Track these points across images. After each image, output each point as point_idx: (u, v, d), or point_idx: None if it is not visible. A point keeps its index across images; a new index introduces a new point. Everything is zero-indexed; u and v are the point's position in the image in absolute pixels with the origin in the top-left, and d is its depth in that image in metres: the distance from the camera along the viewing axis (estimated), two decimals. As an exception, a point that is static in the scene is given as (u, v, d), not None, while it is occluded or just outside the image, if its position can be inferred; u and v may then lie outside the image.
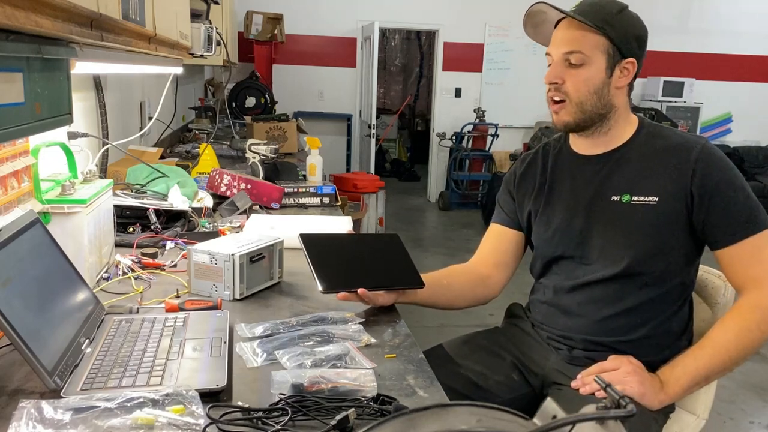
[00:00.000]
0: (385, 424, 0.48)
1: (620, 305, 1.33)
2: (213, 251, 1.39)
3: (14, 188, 1.38)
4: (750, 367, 3.39)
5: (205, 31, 2.26)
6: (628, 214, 1.32)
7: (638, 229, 1.31)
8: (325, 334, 1.19)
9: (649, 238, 1.30)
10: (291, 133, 3.87)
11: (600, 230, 1.35)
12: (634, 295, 1.33)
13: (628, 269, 1.31)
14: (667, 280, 1.33)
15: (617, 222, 1.33)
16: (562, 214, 1.41)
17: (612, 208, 1.34)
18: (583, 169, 1.40)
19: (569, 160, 1.44)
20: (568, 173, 1.43)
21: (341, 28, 6.88)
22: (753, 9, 7.21)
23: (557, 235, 1.41)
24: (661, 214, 1.29)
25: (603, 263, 1.34)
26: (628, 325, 1.33)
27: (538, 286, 1.51)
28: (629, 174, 1.34)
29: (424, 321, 4.06)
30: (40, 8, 0.73)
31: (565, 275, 1.41)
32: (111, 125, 2.34)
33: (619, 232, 1.32)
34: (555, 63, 1.32)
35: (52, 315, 1.05)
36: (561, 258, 1.42)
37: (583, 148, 1.42)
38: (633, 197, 1.32)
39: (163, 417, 0.87)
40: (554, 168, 1.46)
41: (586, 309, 1.36)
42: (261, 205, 2.26)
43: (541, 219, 1.45)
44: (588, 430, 0.44)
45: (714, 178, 1.26)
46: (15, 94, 0.82)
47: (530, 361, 1.44)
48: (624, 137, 1.37)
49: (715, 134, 7.55)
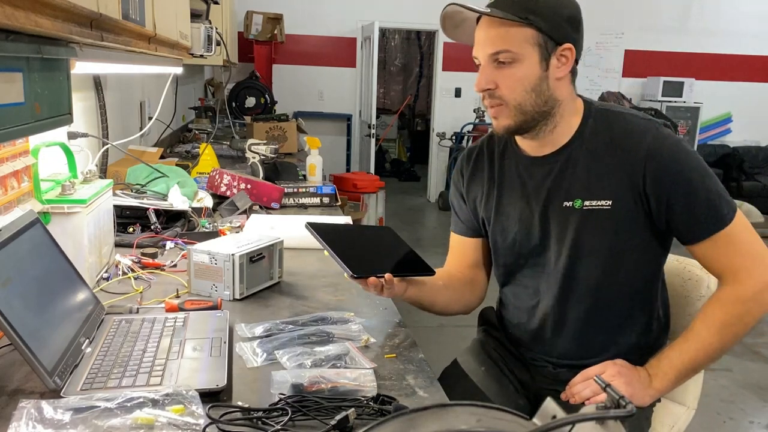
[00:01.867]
0: (385, 424, 0.48)
1: (595, 319, 1.28)
2: (213, 251, 1.39)
3: (14, 188, 1.38)
4: (750, 367, 3.40)
5: (205, 31, 2.26)
6: (582, 219, 1.23)
7: (596, 235, 1.23)
8: (325, 334, 1.19)
9: (608, 244, 1.23)
10: (291, 133, 3.87)
11: (557, 239, 1.27)
12: (605, 306, 1.28)
13: (592, 279, 1.26)
14: (637, 284, 1.28)
15: (573, 230, 1.24)
16: (517, 225, 1.32)
17: (566, 215, 1.25)
18: (532, 172, 1.30)
19: (516, 162, 1.33)
20: (517, 177, 1.32)
21: (341, 28, 6.88)
22: (753, 9, 7.21)
23: (516, 245, 1.33)
24: (618, 219, 1.21)
25: (566, 275, 1.27)
26: (607, 341, 1.29)
27: (505, 297, 1.44)
28: (579, 176, 1.24)
29: (424, 321, 4.05)
30: (40, 8, 0.73)
31: (532, 290, 1.34)
32: (111, 125, 2.34)
33: (578, 241, 1.24)
34: (483, 67, 1.20)
35: (52, 315, 1.05)
36: (523, 267, 1.35)
37: (529, 148, 1.30)
38: (585, 202, 1.23)
39: (163, 417, 0.87)
40: (501, 171, 1.35)
41: (562, 330, 1.31)
42: (261, 205, 2.26)
43: (496, 228, 1.36)
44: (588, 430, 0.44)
45: (668, 180, 1.17)
46: (15, 94, 0.82)
47: (517, 376, 1.40)
48: (570, 131, 1.25)
49: (715, 134, 7.55)
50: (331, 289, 1.50)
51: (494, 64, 1.18)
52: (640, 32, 7.06)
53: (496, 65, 1.18)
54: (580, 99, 1.28)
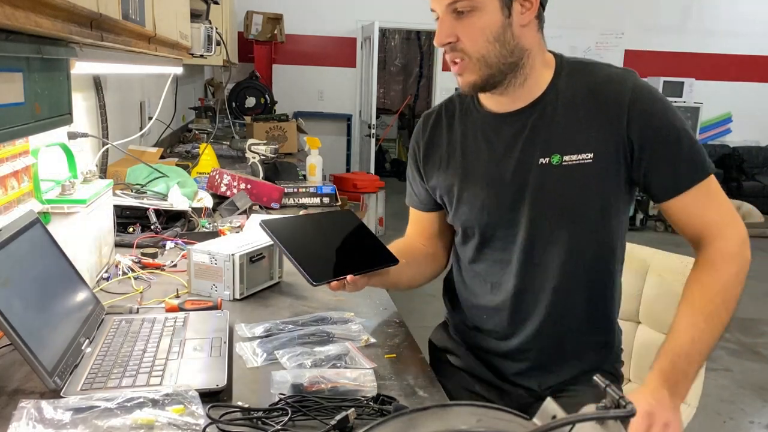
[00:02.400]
0: (385, 424, 0.48)
1: (562, 301, 1.19)
2: (213, 251, 1.39)
3: (14, 188, 1.38)
4: (750, 367, 3.40)
5: (205, 31, 2.26)
6: (561, 177, 1.13)
7: (576, 194, 1.13)
8: (325, 334, 1.19)
9: (591, 204, 1.14)
10: (291, 133, 3.87)
11: (532, 202, 1.16)
12: (575, 276, 1.18)
13: (566, 248, 1.16)
14: (613, 251, 1.20)
15: (550, 190, 1.14)
16: (485, 191, 1.20)
17: (541, 173, 1.14)
18: (500, 131, 1.18)
19: (482, 121, 1.21)
20: (482, 138, 1.21)
21: (341, 28, 6.88)
22: (753, 9, 7.21)
23: (485, 214, 1.21)
24: (601, 173, 1.12)
25: (541, 243, 1.17)
26: (573, 328, 1.22)
27: (465, 275, 1.31)
28: (556, 129, 1.14)
29: (424, 321, 4.05)
30: (40, 8, 0.73)
31: (499, 265, 1.23)
32: (111, 125, 2.34)
33: (556, 202, 1.14)
34: (441, 19, 1.11)
35: (52, 315, 1.05)
36: (492, 239, 1.23)
37: (496, 106, 1.19)
38: (564, 157, 1.12)
39: (163, 417, 0.87)
40: (465, 134, 1.23)
41: (532, 313, 1.22)
42: (261, 205, 2.26)
43: (461, 198, 1.23)
44: (588, 430, 0.44)
45: (654, 123, 1.10)
46: (15, 94, 0.82)
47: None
48: (542, 84, 1.15)
49: (715, 134, 7.55)
50: (331, 289, 1.50)
51: (453, 15, 1.09)
52: (640, 32, 7.06)
53: (455, 16, 1.09)
54: (550, 53, 1.19)
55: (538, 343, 1.23)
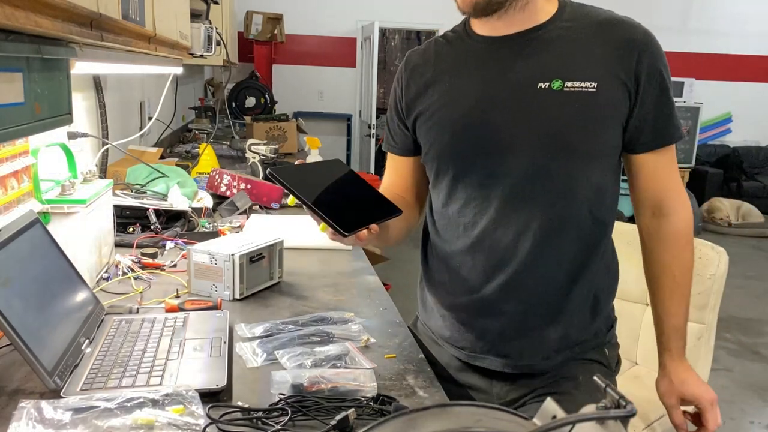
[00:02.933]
0: (385, 424, 0.48)
1: (550, 248, 1.12)
2: (213, 251, 1.39)
3: (14, 188, 1.38)
4: (750, 367, 3.40)
5: (205, 31, 2.26)
6: (561, 104, 1.06)
7: (575, 123, 1.06)
8: (325, 334, 1.19)
9: (588, 136, 1.07)
10: (291, 133, 3.87)
11: (525, 129, 1.07)
12: (565, 223, 1.11)
13: (558, 187, 1.09)
14: (607, 208, 1.15)
15: (548, 116, 1.06)
16: (472, 114, 1.11)
17: (540, 97, 1.06)
18: (497, 52, 1.11)
19: (474, 46, 1.14)
20: (474, 59, 1.13)
21: (341, 28, 6.88)
22: (753, 9, 7.21)
23: (467, 138, 1.11)
24: (602, 105, 1.06)
25: (529, 178, 1.09)
26: (565, 277, 1.14)
27: (437, 222, 1.23)
28: (558, 53, 1.07)
29: (424, 321, 4.05)
30: (40, 8, 0.73)
31: (475, 207, 1.14)
32: (111, 125, 2.34)
33: (552, 130, 1.07)
34: None
35: (52, 315, 1.05)
36: (469, 172, 1.13)
37: (491, 31, 1.12)
38: (566, 83, 1.05)
39: (163, 417, 0.87)
40: (455, 59, 1.16)
41: (511, 259, 1.12)
42: (261, 205, 2.26)
43: (442, 123, 1.15)
44: (588, 430, 0.44)
45: (658, 70, 1.07)
46: (15, 94, 0.82)
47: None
48: (544, 14, 1.10)
49: (715, 134, 7.55)
50: (331, 289, 1.50)
51: None
52: (640, 32, 7.06)
53: None
54: None
55: (517, 294, 1.14)
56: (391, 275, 4.46)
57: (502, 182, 1.10)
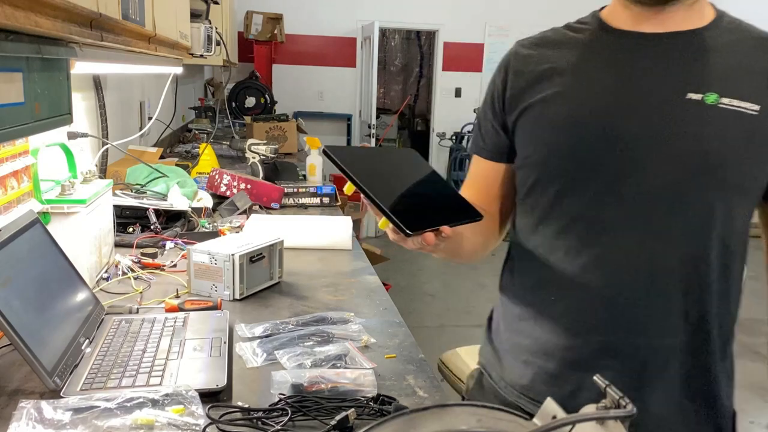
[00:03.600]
0: (385, 424, 0.48)
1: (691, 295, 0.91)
2: (213, 251, 1.39)
3: (14, 188, 1.38)
4: (750, 367, 3.40)
5: (205, 31, 2.26)
6: (714, 121, 0.87)
7: (729, 146, 0.87)
8: (324, 334, 1.19)
9: (744, 166, 0.88)
10: (291, 133, 3.87)
11: (664, 144, 0.88)
12: (704, 271, 0.91)
13: (704, 216, 0.89)
14: (737, 245, 0.94)
15: (695, 133, 0.87)
16: (593, 112, 0.92)
17: (688, 110, 0.87)
18: (640, 50, 0.92)
19: (611, 41, 0.95)
20: (608, 54, 0.94)
21: (341, 28, 6.88)
22: (753, 9, 7.20)
23: (584, 148, 0.91)
24: (765, 133, 0.87)
25: (664, 203, 0.89)
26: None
27: (535, 247, 0.99)
28: (716, 63, 0.90)
29: (424, 321, 4.06)
30: (40, 8, 0.73)
31: (583, 224, 0.93)
32: (111, 125, 2.34)
33: (700, 150, 0.87)
34: None
35: (52, 315, 1.05)
36: (583, 185, 0.92)
37: (638, 25, 0.92)
38: (723, 98, 0.87)
39: (163, 417, 0.87)
40: (585, 48, 0.96)
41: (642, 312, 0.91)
42: (261, 205, 2.26)
43: (550, 112, 0.95)
44: (588, 430, 0.44)
45: None
46: (15, 94, 0.82)
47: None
48: (703, 19, 0.93)
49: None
50: (331, 289, 1.50)
51: None
52: (640, 32, 7.06)
53: None
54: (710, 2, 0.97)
55: (628, 343, 0.92)
56: (391, 275, 4.46)
57: (624, 205, 0.91)
